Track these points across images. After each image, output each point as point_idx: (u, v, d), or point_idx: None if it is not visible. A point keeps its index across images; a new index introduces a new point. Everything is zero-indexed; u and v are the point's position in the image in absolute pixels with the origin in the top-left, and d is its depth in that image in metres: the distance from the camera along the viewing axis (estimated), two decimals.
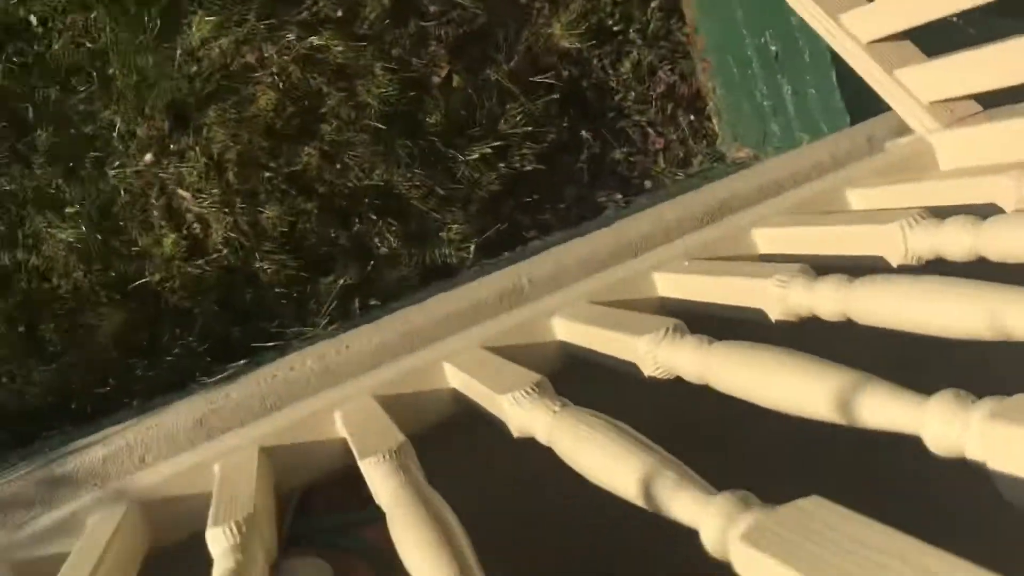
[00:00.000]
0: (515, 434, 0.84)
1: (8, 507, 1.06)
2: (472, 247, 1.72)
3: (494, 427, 0.92)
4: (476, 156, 1.76)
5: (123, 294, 1.65)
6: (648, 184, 1.88)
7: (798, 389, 0.62)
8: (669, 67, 1.93)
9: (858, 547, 0.38)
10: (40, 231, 1.65)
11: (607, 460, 0.61)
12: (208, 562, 0.79)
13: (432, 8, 1.80)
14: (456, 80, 1.79)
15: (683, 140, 1.93)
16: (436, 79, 1.78)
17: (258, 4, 1.72)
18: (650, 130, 1.92)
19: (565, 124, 1.87)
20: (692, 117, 1.94)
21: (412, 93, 1.75)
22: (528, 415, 0.80)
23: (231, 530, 0.74)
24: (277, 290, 1.69)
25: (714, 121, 1.94)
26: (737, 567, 0.44)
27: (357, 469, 1.19)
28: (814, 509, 0.42)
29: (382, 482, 0.75)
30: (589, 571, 1.15)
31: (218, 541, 0.74)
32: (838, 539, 0.39)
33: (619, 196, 1.86)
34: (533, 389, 0.82)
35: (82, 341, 1.63)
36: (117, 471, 1.09)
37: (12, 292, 1.62)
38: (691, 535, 0.50)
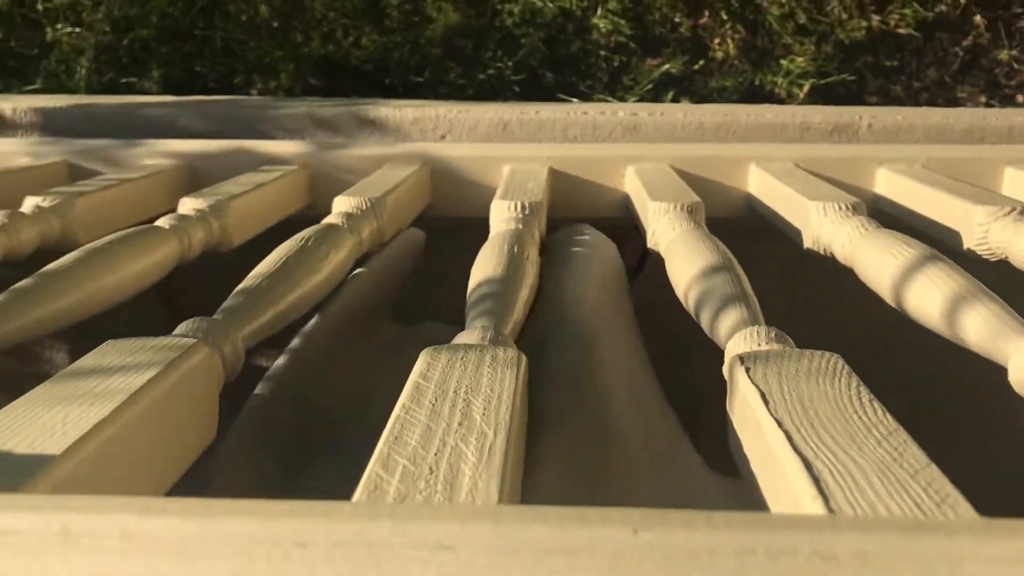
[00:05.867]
0: (807, 244, 0.80)
1: (321, 126, 1.16)
2: (807, 86, 1.63)
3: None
4: None
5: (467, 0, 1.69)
6: (1021, 99, 1.68)
7: None
8: None
9: None
10: None
11: (917, 283, 0.57)
12: None
13: None
14: None
15: None
16: None
17: None
18: None
19: (963, 1, 1.68)
20: None
21: None
22: (833, 228, 0.76)
23: (516, 205, 0.77)
24: (602, 52, 1.67)
25: None
26: None
27: (619, 231, 1.20)
28: None
29: (668, 224, 0.74)
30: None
31: (502, 210, 0.77)
32: None
33: (983, 99, 1.68)
34: (847, 205, 0.77)
35: (416, 26, 1.70)
36: (418, 136, 1.16)
37: None
38: None
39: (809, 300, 1.06)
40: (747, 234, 1.05)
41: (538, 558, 0.21)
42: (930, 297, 0.54)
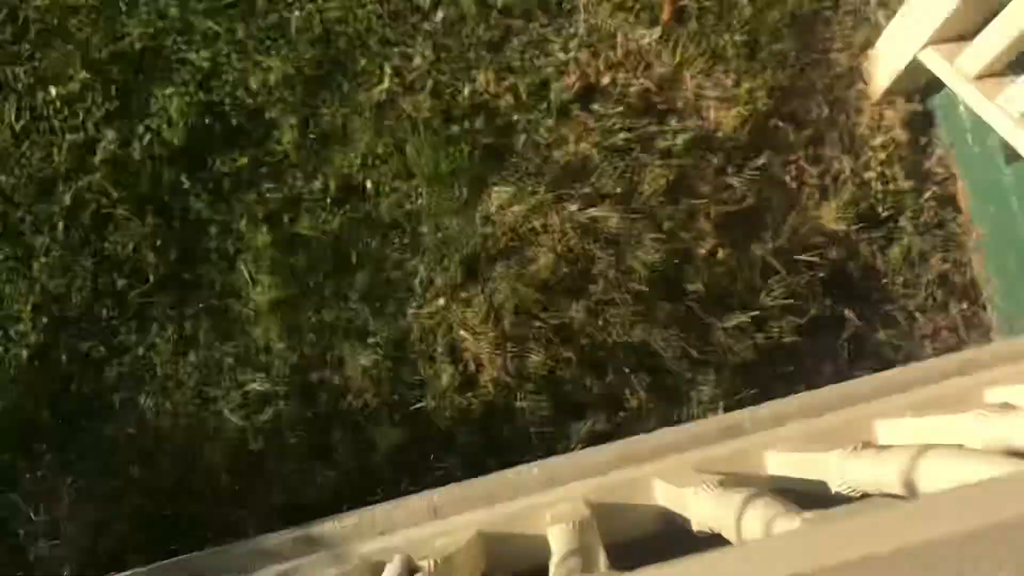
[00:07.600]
0: (695, 527, 0.89)
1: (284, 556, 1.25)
2: (721, 407, 1.77)
3: None
4: (733, 324, 1.84)
5: (403, 416, 1.87)
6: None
7: None
8: (942, 256, 1.92)
9: None
10: (344, 356, 1.93)
11: None
12: None
13: (704, 188, 1.95)
14: (720, 253, 1.90)
15: (954, 328, 1.88)
16: (701, 251, 1.91)
17: (549, 179, 1.97)
18: (918, 316, 1.89)
19: (828, 302, 1.90)
20: (965, 306, 1.89)
21: (676, 261, 1.88)
22: (711, 506, 0.85)
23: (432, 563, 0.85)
24: (532, 429, 1.82)
25: (989, 310, 1.87)
26: None
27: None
28: None
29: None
30: None
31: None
32: None
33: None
34: (718, 484, 0.87)
35: (362, 453, 1.85)
36: (359, 539, 1.25)
37: (315, 404, 1.90)
38: None
39: None
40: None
41: None
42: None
